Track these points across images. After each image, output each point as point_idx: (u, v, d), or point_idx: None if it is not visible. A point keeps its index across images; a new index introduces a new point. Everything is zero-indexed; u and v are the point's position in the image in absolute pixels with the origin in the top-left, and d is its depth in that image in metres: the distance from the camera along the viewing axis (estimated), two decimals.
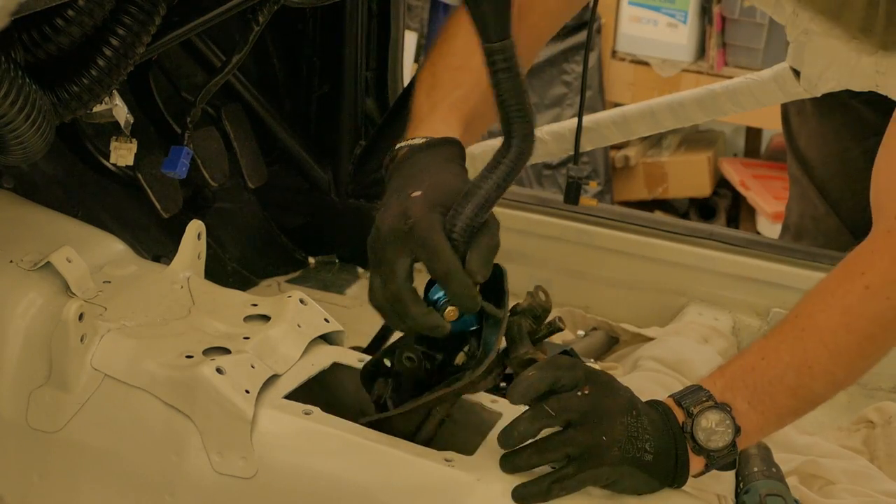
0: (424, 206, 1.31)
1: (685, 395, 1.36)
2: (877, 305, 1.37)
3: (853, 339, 1.37)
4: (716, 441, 1.33)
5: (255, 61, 2.34)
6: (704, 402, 1.34)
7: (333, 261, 2.46)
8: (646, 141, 4.31)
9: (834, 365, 1.38)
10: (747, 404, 1.36)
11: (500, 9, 1.20)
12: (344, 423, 1.39)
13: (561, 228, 2.31)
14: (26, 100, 1.41)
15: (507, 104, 1.24)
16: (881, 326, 1.38)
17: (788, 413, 1.41)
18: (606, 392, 1.32)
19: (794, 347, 1.37)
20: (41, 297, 1.53)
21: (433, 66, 1.54)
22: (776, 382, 1.36)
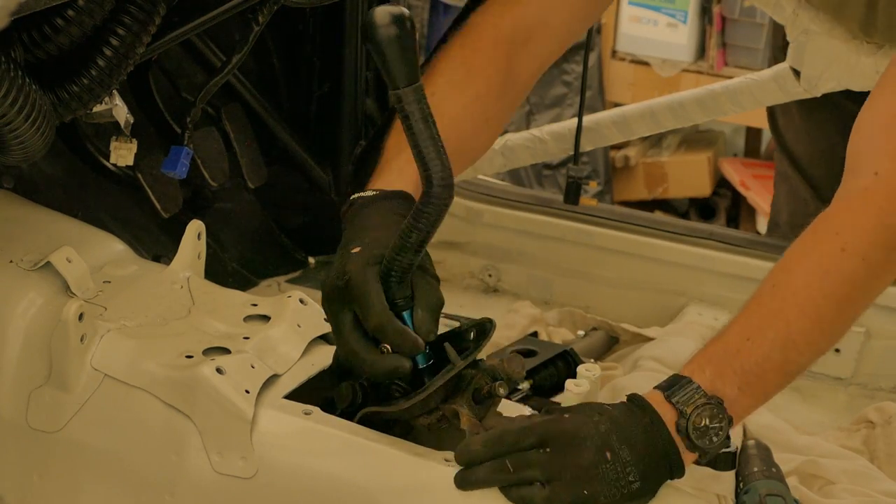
0: (360, 261, 1.34)
1: (675, 390, 1.33)
2: (853, 266, 1.34)
3: (833, 303, 1.35)
4: (710, 438, 1.32)
5: (255, 61, 2.34)
6: (697, 400, 1.31)
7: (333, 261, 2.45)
8: (646, 141, 4.31)
9: (817, 334, 1.36)
10: (738, 390, 1.33)
11: (407, 54, 1.22)
12: (344, 423, 1.39)
13: (561, 228, 2.31)
14: (26, 100, 1.40)
15: (420, 149, 1.25)
16: (858, 287, 1.36)
17: (775, 389, 1.39)
18: (571, 448, 1.28)
19: (777, 322, 1.35)
20: (41, 297, 1.53)
21: None
22: (764, 363, 1.34)
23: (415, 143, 1.25)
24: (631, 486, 1.28)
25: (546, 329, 2.17)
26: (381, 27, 1.21)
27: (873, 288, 1.39)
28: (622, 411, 1.32)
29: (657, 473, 1.31)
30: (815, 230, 1.39)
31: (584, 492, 1.27)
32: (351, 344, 1.34)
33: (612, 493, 1.28)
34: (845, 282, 1.35)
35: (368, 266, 1.34)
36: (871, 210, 1.37)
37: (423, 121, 1.24)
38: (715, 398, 1.32)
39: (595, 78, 4.18)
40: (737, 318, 1.38)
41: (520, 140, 2.47)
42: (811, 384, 2.16)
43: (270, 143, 2.35)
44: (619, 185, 4.32)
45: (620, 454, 1.28)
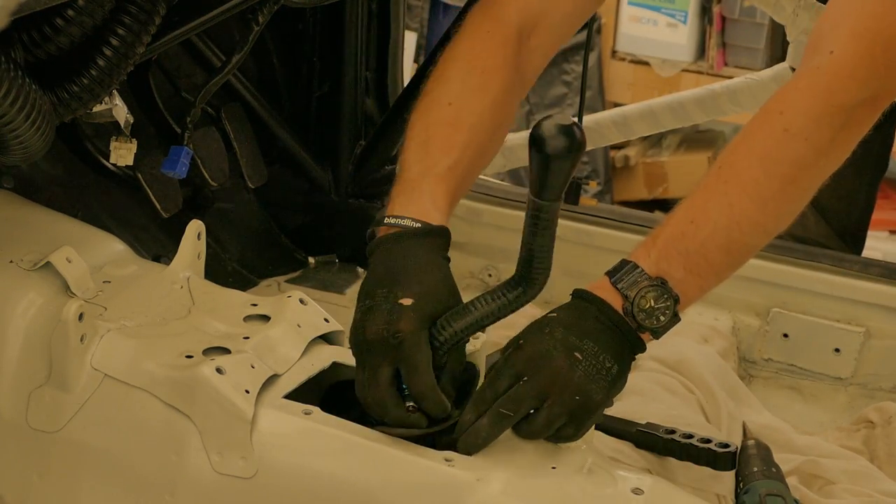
0: (414, 321, 1.35)
1: (619, 275, 1.35)
2: (796, 147, 1.34)
3: (776, 185, 1.35)
4: (657, 318, 1.34)
5: (255, 61, 2.34)
6: (640, 283, 1.34)
7: (333, 261, 2.46)
8: (646, 141, 4.31)
9: (761, 215, 1.37)
10: (683, 270, 1.36)
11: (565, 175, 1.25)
12: (344, 423, 1.39)
13: (561, 228, 2.29)
14: (26, 100, 1.40)
15: (534, 254, 1.31)
16: (801, 168, 1.36)
17: (725, 268, 1.41)
18: (541, 365, 1.31)
19: (720, 204, 1.36)
20: (41, 297, 1.53)
21: (427, 115, 1.52)
22: (708, 243, 1.36)
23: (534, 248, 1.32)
24: (611, 371, 1.32)
25: None
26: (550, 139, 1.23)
27: (820, 168, 1.37)
28: (567, 312, 1.36)
29: (623, 351, 1.34)
30: (762, 112, 1.38)
31: (576, 397, 1.31)
32: (384, 397, 1.35)
33: (601, 386, 1.31)
34: (788, 162, 1.35)
35: (422, 329, 1.35)
36: (817, 89, 1.34)
37: (551, 235, 1.30)
38: (659, 279, 1.34)
39: (595, 78, 4.18)
40: (683, 201, 1.40)
41: (520, 140, 2.47)
42: (811, 384, 2.17)
43: (270, 143, 2.35)
44: (619, 185, 4.32)
45: (586, 349, 1.31)
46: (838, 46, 1.35)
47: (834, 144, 1.35)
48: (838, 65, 1.34)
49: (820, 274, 2.16)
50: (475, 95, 1.51)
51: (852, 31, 1.35)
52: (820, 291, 2.17)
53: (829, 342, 2.17)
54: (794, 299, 2.18)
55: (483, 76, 1.52)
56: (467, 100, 1.50)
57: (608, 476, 1.34)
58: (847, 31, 1.36)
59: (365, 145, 2.42)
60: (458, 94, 1.50)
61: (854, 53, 1.34)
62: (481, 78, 1.52)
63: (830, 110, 1.33)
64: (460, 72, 1.52)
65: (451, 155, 1.47)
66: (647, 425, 1.68)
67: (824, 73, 1.34)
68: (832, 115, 1.33)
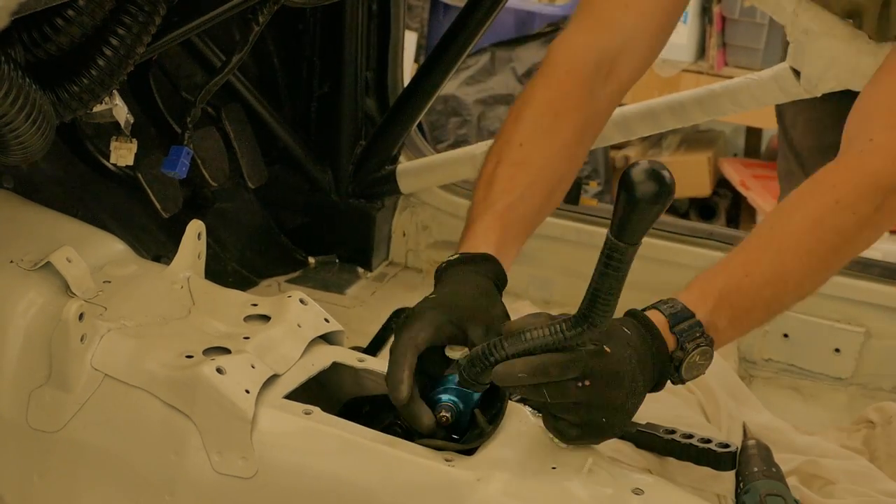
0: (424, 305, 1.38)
1: (682, 327, 1.36)
2: (844, 219, 1.43)
3: (823, 250, 1.43)
4: (694, 372, 1.37)
5: (255, 61, 2.34)
6: (697, 339, 1.36)
7: (333, 261, 2.46)
8: (646, 141, 4.31)
9: (805, 277, 1.44)
10: (727, 322, 1.39)
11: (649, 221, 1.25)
12: (344, 423, 1.39)
13: (561, 228, 2.31)
14: (27, 99, 1.40)
15: (600, 295, 1.26)
16: (845, 239, 1.44)
17: (756, 326, 1.47)
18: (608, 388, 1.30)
19: (774, 261, 1.42)
20: (41, 297, 1.53)
21: (497, 154, 1.54)
22: (756, 298, 1.41)
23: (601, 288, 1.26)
24: (636, 406, 1.35)
25: None
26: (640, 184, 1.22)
27: (860, 240, 1.46)
28: (639, 338, 1.35)
29: (646, 392, 1.37)
30: (813, 183, 1.48)
31: (603, 419, 1.31)
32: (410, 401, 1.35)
33: (623, 420, 1.34)
34: (836, 232, 1.43)
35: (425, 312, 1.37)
36: (866, 170, 1.45)
37: (621, 278, 1.26)
38: (709, 338, 1.37)
39: None
40: (737, 252, 1.45)
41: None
42: (811, 384, 2.17)
43: (270, 143, 2.36)
44: None
45: (640, 388, 1.34)
46: (876, 135, 1.47)
47: (875, 219, 1.45)
48: (881, 149, 1.46)
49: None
50: (545, 137, 1.54)
51: (885, 124, 1.48)
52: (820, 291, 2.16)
53: (829, 342, 2.17)
54: None
55: (555, 119, 1.55)
56: (537, 142, 1.53)
57: (608, 476, 1.34)
58: (882, 123, 1.48)
59: (365, 145, 2.42)
60: (529, 136, 1.53)
61: (892, 141, 1.46)
62: (553, 121, 1.55)
63: (875, 189, 1.44)
64: (534, 113, 1.55)
65: (512, 193, 1.51)
66: (647, 425, 1.68)
67: (869, 156, 1.46)
68: (877, 194, 1.44)
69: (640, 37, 1.61)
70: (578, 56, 1.58)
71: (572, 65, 1.58)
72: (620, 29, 1.59)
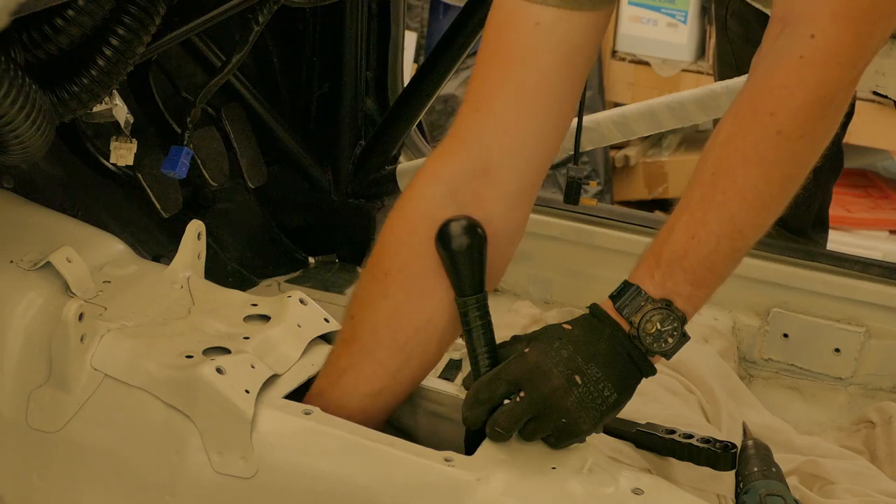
0: None
1: (623, 300, 1.34)
2: (792, 147, 1.30)
3: (776, 188, 1.33)
4: (665, 340, 1.33)
5: (255, 61, 2.34)
6: (644, 308, 1.33)
7: (333, 261, 2.46)
8: (646, 141, 4.31)
9: (761, 218, 1.34)
10: (691, 286, 1.34)
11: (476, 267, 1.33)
12: (344, 423, 1.39)
13: (561, 228, 2.31)
14: (26, 99, 1.41)
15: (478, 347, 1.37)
16: (799, 165, 1.33)
17: (728, 273, 1.39)
18: (539, 382, 1.32)
19: (721, 216, 1.32)
20: (41, 297, 1.53)
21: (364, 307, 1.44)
22: (713, 256, 1.34)
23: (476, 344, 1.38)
24: (608, 399, 1.32)
25: None
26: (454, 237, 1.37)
27: (814, 158, 1.34)
28: (583, 327, 1.35)
29: (630, 378, 1.34)
30: (750, 110, 1.31)
31: (562, 420, 1.32)
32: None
33: (591, 415, 1.32)
34: (787, 163, 1.31)
35: None
36: (807, 85, 1.28)
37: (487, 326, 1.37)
38: (663, 301, 1.33)
39: (595, 78, 4.18)
40: (680, 211, 1.35)
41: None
42: (811, 384, 2.17)
43: (270, 143, 2.35)
44: (619, 185, 4.32)
45: (590, 373, 1.31)
46: (819, 30, 1.26)
47: (825, 133, 1.33)
48: (824, 53, 1.26)
49: (820, 274, 2.16)
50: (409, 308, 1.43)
51: (833, 12, 1.26)
52: (820, 291, 2.17)
53: (829, 342, 2.17)
54: (794, 299, 2.18)
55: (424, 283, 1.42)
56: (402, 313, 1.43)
57: (608, 476, 1.34)
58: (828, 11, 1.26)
59: (365, 145, 2.42)
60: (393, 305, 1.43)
61: (837, 37, 1.26)
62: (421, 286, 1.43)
63: (821, 102, 1.29)
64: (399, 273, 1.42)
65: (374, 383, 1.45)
66: (647, 425, 1.68)
67: (810, 63, 1.27)
68: (823, 107, 1.29)
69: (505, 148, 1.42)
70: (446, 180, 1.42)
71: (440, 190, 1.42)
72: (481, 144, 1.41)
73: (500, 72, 1.40)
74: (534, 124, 1.42)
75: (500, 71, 1.40)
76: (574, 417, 1.31)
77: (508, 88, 1.40)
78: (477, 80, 1.42)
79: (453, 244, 1.37)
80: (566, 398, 1.31)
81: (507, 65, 1.40)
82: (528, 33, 1.38)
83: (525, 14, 1.38)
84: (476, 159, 1.41)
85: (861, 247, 3.62)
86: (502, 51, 1.40)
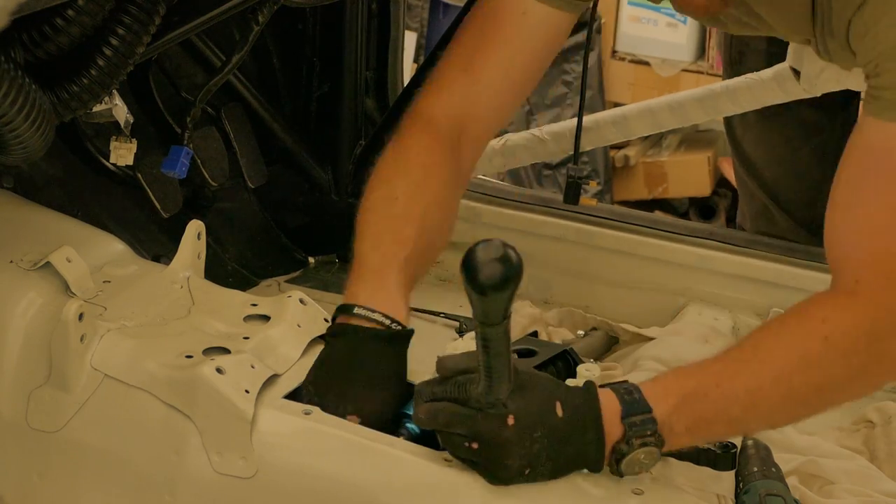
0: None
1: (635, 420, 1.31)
2: (832, 359, 1.35)
3: (806, 388, 1.36)
4: (635, 469, 1.32)
5: (255, 61, 2.34)
6: (647, 437, 1.31)
7: (333, 261, 2.46)
8: (646, 141, 4.31)
9: (780, 408, 1.37)
10: (685, 428, 1.34)
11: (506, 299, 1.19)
12: (344, 423, 1.39)
13: (561, 228, 2.31)
14: (26, 99, 1.41)
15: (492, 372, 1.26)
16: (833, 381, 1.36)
17: (717, 439, 1.42)
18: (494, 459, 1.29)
19: (750, 382, 1.35)
20: (41, 297, 1.53)
21: (375, 210, 1.55)
22: (721, 412, 1.35)
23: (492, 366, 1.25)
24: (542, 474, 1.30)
25: (546, 329, 2.17)
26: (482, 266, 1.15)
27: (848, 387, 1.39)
28: (571, 424, 1.30)
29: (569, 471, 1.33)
30: (805, 310, 1.40)
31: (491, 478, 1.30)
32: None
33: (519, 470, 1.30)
34: (822, 371, 1.35)
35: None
36: (857, 311, 1.37)
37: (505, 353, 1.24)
38: (660, 439, 1.32)
39: (595, 78, 4.18)
40: (715, 359, 1.39)
41: (520, 140, 2.47)
42: None
43: (270, 143, 2.35)
44: (619, 185, 4.32)
45: (540, 469, 1.30)
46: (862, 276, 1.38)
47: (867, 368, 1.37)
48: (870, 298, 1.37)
49: (820, 274, 2.16)
50: (419, 189, 1.55)
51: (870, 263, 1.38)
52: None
53: None
54: (794, 299, 2.16)
55: (423, 171, 1.57)
56: (412, 194, 1.55)
57: (608, 476, 1.34)
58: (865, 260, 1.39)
59: (365, 145, 2.42)
60: (403, 190, 1.55)
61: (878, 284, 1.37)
62: (422, 172, 1.57)
63: (867, 337, 1.36)
64: (401, 170, 1.59)
65: (406, 246, 1.50)
66: None
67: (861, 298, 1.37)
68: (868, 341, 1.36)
69: (486, 107, 1.65)
70: (428, 120, 1.63)
71: (424, 126, 1.63)
72: (468, 99, 1.63)
73: (493, 45, 1.63)
74: (510, 95, 1.68)
75: (493, 44, 1.63)
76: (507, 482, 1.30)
77: (498, 59, 1.63)
78: (467, 43, 1.66)
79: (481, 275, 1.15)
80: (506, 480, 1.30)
81: (499, 41, 1.63)
82: (516, 18, 1.62)
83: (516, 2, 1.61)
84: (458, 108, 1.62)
85: None
86: (493, 27, 1.63)
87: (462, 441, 1.29)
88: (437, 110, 1.63)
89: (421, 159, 1.59)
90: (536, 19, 1.62)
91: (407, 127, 1.65)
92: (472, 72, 1.63)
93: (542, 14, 1.62)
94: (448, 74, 1.66)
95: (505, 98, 1.68)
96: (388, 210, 1.54)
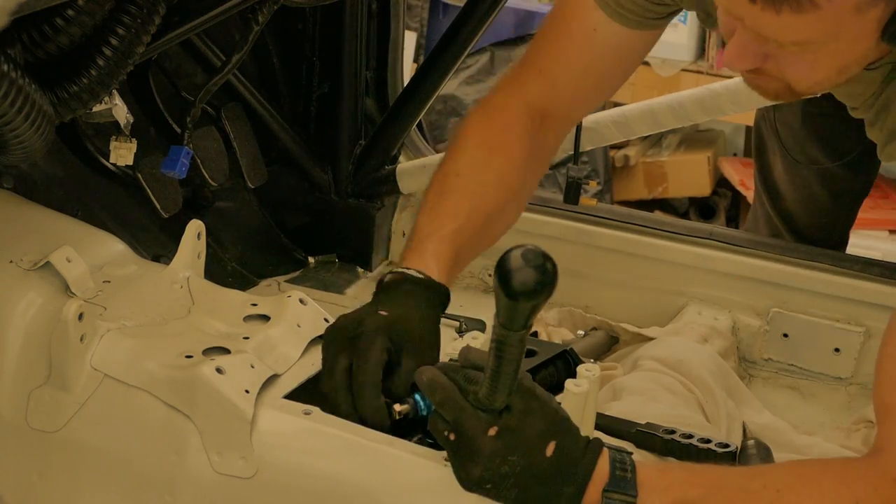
0: (381, 325, 1.41)
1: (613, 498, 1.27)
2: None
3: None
4: None
5: (255, 61, 2.34)
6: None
7: (333, 261, 2.46)
8: (646, 141, 4.31)
9: None
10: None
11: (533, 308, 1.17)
12: (344, 423, 1.39)
13: (561, 228, 2.31)
14: (26, 99, 1.40)
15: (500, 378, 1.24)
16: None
17: None
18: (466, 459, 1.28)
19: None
20: (41, 297, 1.53)
21: (439, 184, 1.62)
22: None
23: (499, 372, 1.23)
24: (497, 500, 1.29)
25: (546, 329, 2.17)
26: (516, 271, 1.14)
27: None
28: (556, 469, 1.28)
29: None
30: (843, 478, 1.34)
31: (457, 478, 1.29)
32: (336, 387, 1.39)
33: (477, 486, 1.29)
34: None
35: (383, 335, 1.40)
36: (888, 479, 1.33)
37: (517, 360, 1.22)
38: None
39: None
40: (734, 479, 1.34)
41: None
42: (811, 384, 2.17)
43: (270, 143, 2.35)
44: (619, 185, 4.32)
45: (504, 492, 1.27)
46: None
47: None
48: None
49: (820, 274, 2.16)
50: (481, 169, 1.62)
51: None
52: (820, 291, 2.17)
53: (829, 342, 2.16)
54: (794, 299, 2.18)
55: (490, 152, 1.63)
56: (473, 172, 1.61)
57: None
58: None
59: (365, 145, 2.42)
60: (465, 167, 1.62)
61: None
62: (488, 153, 1.62)
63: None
64: (470, 146, 1.64)
65: (457, 220, 1.56)
66: (647, 425, 1.68)
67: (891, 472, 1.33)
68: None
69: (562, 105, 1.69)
70: (511, 100, 1.67)
71: (505, 106, 1.67)
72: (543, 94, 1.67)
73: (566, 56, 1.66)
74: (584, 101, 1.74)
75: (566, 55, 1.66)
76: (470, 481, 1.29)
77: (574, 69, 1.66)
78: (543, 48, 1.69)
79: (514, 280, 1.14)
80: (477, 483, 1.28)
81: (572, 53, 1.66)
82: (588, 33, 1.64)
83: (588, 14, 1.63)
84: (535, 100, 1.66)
85: (861, 247, 3.61)
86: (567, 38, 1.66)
87: (445, 427, 1.29)
88: (513, 100, 1.67)
89: (492, 138, 1.64)
90: (606, 36, 1.63)
91: (477, 112, 1.69)
92: (548, 75, 1.66)
93: (613, 31, 1.62)
94: (523, 74, 1.69)
95: (579, 102, 1.73)
96: (448, 184, 1.61)
